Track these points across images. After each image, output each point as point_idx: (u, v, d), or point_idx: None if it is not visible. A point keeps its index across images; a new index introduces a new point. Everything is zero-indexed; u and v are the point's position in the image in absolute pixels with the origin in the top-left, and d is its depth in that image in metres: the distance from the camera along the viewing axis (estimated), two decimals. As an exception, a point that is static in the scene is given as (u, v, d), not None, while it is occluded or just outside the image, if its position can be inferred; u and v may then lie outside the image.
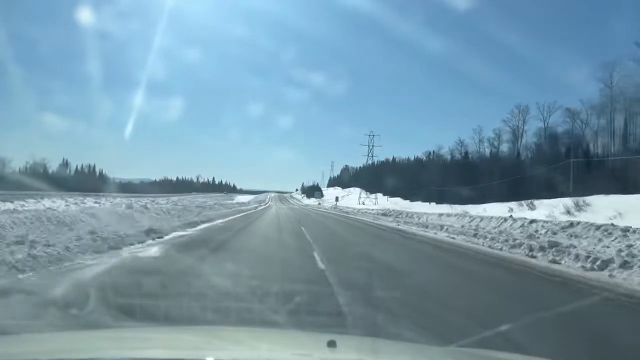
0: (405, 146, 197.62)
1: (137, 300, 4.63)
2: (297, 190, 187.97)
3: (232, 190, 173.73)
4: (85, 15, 55.31)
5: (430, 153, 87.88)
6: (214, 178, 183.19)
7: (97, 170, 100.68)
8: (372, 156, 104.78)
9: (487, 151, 66.68)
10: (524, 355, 3.09)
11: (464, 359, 2.33)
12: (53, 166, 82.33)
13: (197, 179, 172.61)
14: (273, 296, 5.26)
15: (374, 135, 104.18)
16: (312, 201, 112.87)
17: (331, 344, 1.78)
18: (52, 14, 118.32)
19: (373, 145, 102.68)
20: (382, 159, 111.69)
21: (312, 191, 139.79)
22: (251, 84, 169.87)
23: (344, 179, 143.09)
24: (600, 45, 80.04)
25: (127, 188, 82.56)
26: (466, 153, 70.55)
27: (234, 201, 64.39)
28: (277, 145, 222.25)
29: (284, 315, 4.29)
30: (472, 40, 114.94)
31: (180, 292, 5.38)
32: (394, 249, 13.15)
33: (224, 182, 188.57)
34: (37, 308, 4.42)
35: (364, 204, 78.25)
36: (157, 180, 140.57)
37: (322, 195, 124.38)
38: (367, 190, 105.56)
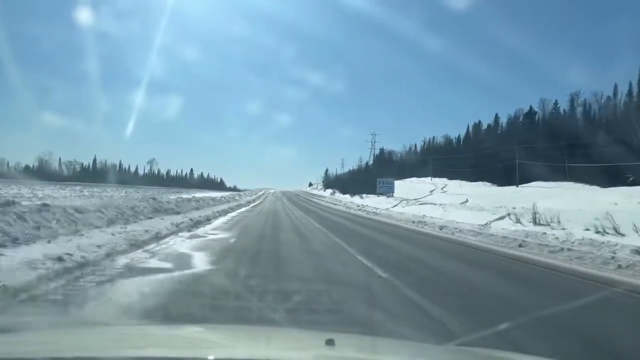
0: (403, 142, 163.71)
1: None
2: (311, 184, 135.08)
3: (218, 186, 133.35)
4: (85, 14, 55.11)
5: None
6: (192, 170, 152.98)
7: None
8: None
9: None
10: (524, 354, 3.08)
11: (463, 357, 2.31)
12: None
13: (151, 168, 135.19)
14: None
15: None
16: (411, 210, 28.79)
17: (330, 342, 1.78)
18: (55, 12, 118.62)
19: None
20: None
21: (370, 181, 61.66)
22: (251, 80, 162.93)
23: (383, 170, 74.21)
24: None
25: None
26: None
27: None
28: (278, 142, 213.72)
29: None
30: (471, 39, 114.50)
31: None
32: None
33: (207, 176, 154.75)
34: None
35: None
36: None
37: (392, 190, 56.90)
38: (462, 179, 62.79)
